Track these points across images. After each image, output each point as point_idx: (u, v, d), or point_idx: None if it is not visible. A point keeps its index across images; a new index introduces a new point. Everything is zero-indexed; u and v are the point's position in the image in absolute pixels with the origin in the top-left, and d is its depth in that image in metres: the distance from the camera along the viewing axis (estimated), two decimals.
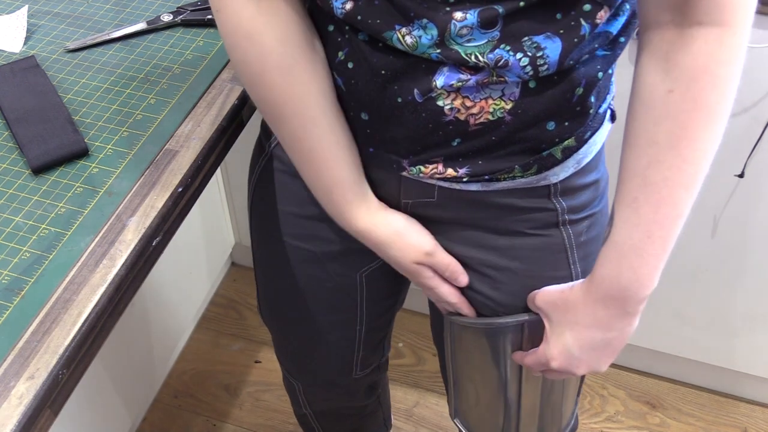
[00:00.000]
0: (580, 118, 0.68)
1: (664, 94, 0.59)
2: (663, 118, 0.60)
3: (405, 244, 0.76)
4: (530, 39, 0.60)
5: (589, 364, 0.72)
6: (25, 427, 0.58)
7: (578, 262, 0.77)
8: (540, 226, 0.75)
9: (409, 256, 0.76)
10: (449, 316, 0.82)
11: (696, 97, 0.58)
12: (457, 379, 0.87)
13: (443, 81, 0.63)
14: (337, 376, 1.04)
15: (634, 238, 0.63)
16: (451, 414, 0.92)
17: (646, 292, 0.66)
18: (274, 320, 0.99)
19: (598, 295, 0.68)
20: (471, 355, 0.83)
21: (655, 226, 0.62)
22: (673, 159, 0.60)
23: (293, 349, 1.02)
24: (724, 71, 0.58)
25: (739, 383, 1.59)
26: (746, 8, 0.57)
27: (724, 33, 0.57)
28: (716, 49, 0.57)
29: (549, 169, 0.70)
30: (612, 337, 0.70)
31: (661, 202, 0.61)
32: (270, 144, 0.83)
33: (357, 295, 0.91)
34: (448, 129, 0.66)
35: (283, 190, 0.83)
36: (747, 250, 1.31)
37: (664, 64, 0.59)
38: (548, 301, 0.74)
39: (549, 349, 0.74)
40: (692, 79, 0.58)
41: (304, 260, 0.87)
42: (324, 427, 1.22)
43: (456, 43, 0.60)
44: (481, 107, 0.65)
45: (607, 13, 0.61)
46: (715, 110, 0.59)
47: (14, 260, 0.68)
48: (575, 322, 0.71)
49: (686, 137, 0.59)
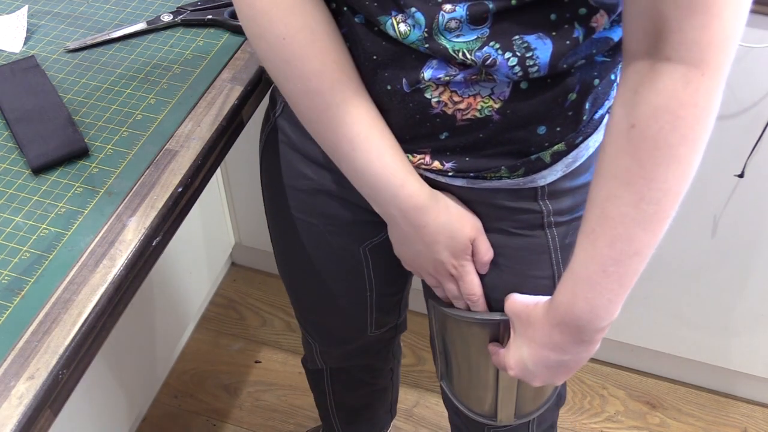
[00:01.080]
0: (573, 124, 0.68)
1: (626, 128, 0.57)
2: (623, 152, 0.57)
3: (465, 218, 0.73)
4: (521, 38, 0.60)
5: (544, 379, 0.72)
6: (25, 427, 0.58)
7: (562, 263, 0.77)
8: (525, 226, 0.75)
9: (466, 232, 0.73)
10: (432, 300, 0.84)
11: (655, 136, 0.55)
12: (441, 351, 0.89)
13: (431, 74, 0.63)
14: (350, 333, 1.05)
15: (590, 270, 0.62)
16: (438, 376, 0.94)
17: (602, 324, 0.64)
18: (288, 282, 1.01)
19: (554, 320, 0.67)
20: (452, 338, 0.84)
21: (610, 262, 0.60)
22: (631, 196, 0.58)
23: (307, 309, 1.03)
24: (687, 113, 0.54)
25: (739, 383, 1.59)
26: (721, 50, 0.53)
27: (691, 73, 0.53)
28: (680, 89, 0.54)
29: (537, 173, 0.70)
30: (567, 360, 0.69)
31: (617, 238, 0.59)
32: (275, 113, 0.83)
33: (363, 266, 0.91)
34: (436, 122, 0.66)
35: (284, 162, 0.84)
36: (747, 250, 1.31)
37: (632, 97, 0.57)
38: (514, 310, 0.74)
39: (507, 358, 0.74)
40: (652, 117, 0.55)
41: (308, 231, 0.88)
42: (336, 392, 1.23)
43: (444, 38, 0.60)
44: (469, 104, 0.65)
45: (605, 18, 0.60)
46: (677, 152, 0.56)
47: (14, 260, 0.68)
48: (533, 339, 0.70)
49: (643, 176, 0.57)
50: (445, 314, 0.82)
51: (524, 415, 0.89)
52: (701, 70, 0.53)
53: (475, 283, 0.76)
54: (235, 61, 0.87)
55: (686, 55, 0.53)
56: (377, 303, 0.98)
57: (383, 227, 0.87)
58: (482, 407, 0.89)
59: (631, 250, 0.60)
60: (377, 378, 1.23)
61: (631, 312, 1.47)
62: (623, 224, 0.59)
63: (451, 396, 0.92)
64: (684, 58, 0.53)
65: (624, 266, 0.60)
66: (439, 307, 0.82)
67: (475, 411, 0.90)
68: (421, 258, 0.76)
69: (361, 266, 0.91)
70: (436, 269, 0.76)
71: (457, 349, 0.85)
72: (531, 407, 0.88)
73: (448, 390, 0.92)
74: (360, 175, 0.69)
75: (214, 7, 0.93)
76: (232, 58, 0.88)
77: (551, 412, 0.98)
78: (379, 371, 1.22)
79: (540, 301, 0.70)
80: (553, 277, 0.78)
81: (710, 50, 0.53)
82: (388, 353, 1.19)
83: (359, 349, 1.10)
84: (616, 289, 0.62)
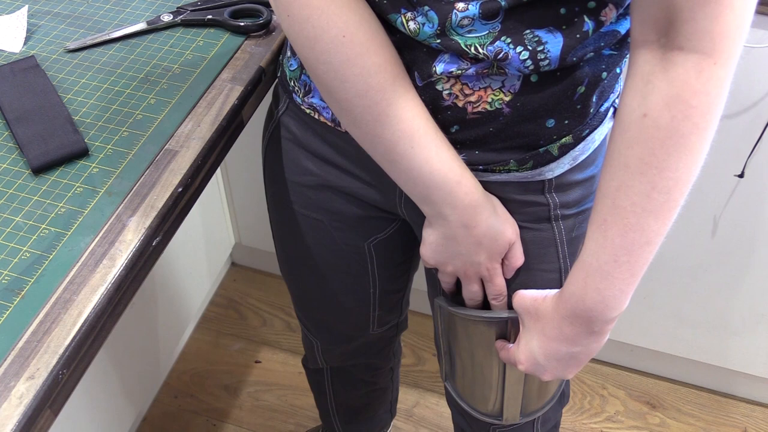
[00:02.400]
0: (581, 116, 0.68)
1: (638, 117, 0.57)
2: (635, 142, 0.58)
3: (509, 221, 0.73)
4: (532, 32, 0.60)
5: (554, 372, 0.72)
6: (25, 427, 0.58)
7: (568, 256, 0.78)
8: (531, 219, 0.75)
9: (508, 235, 0.73)
10: (438, 299, 0.84)
11: (668, 125, 0.56)
12: (446, 351, 0.89)
13: (443, 68, 0.63)
14: (352, 331, 1.05)
15: (601, 260, 0.62)
16: (442, 377, 0.94)
17: (612, 314, 0.65)
18: (290, 280, 1.01)
19: (565, 312, 0.67)
20: (458, 338, 0.84)
21: (622, 251, 0.61)
22: (642, 185, 0.58)
23: (310, 307, 1.03)
24: (699, 102, 0.55)
25: (738, 383, 1.59)
26: (733, 39, 0.54)
27: (704, 62, 0.54)
28: (693, 78, 0.55)
29: (545, 165, 0.70)
30: (577, 351, 0.69)
31: (629, 227, 0.60)
32: (278, 111, 0.83)
33: (367, 263, 0.91)
34: (447, 114, 0.67)
35: (288, 158, 0.84)
36: (747, 250, 1.31)
37: (643, 86, 0.57)
38: (522, 305, 0.74)
39: (518, 353, 0.74)
40: (665, 106, 0.56)
41: (312, 228, 0.88)
42: (336, 392, 1.23)
43: (456, 34, 0.61)
44: (480, 96, 0.65)
45: (614, 11, 0.61)
46: (688, 141, 0.56)
47: (14, 260, 0.68)
48: (542, 333, 0.70)
49: (656, 165, 0.57)
50: (452, 314, 0.82)
51: (530, 414, 0.89)
52: (713, 59, 0.54)
53: (503, 284, 0.76)
54: (235, 61, 0.87)
55: (699, 44, 0.54)
56: (380, 300, 0.98)
57: (389, 223, 0.87)
58: (487, 407, 0.89)
59: (643, 240, 0.60)
60: (377, 377, 1.23)
61: (631, 312, 1.47)
62: (635, 213, 0.59)
63: (455, 396, 0.92)
64: (696, 47, 0.54)
65: (635, 255, 0.61)
66: (446, 307, 0.82)
67: (480, 410, 0.90)
68: (457, 260, 0.74)
69: (366, 262, 0.91)
70: (468, 271, 0.75)
71: (463, 348, 0.85)
72: (536, 405, 0.88)
73: (452, 390, 0.92)
74: (417, 174, 0.67)
75: (214, 7, 0.93)
76: (232, 58, 0.88)
77: (555, 412, 0.98)
78: (379, 370, 1.22)
79: (548, 295, 0.70)
80: (560, 271, 0.78)
81: (722, 39, 0.53)
82: (389, 352, 1.20)
83: (360, 348, 1.10)
84: (627, 279, 0.62)
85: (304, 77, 0.77)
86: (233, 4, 0.93)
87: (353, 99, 0.64)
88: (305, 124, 0.80)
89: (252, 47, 0.89)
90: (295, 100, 0.79)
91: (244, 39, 0.90)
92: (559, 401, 0.96)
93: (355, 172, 0.80)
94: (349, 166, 0.80)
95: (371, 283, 0.95)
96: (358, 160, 0.78)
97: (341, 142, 0.77)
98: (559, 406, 0.98)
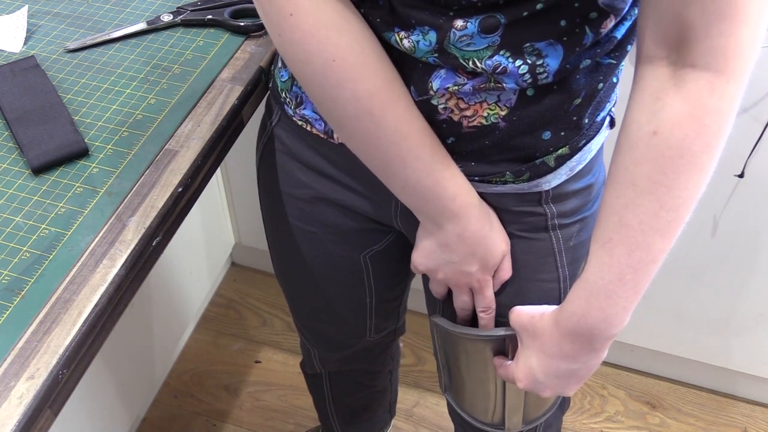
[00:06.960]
0: (577, 127, 0.68)
1: (648, 135, 0.56)
2: (644, 159, 0.57)
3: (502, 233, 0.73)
4: (532, 45, 0.59)
5: (554, 389, 0.72)
6: (25, 427, 0.58)
7: (566, 266, 0.77)
8: (529, 229, 0.74)
9: (502, 247, 0.73)
10: (434, 317, 0.83)
11: (680, 144, 0.55)
12: (444, 365, 0.88)
13: (439, 83, 0.63)
14: (349, 339, 1.05)
15: (606, 279, 0.61)
16: (441, 388, 0.94)
17: (613, 332, 0.64)
18: (287, 289, 1.00)
19: (565, 330, 0.66)
20: (455, 354, 0.84)
21: (628, 270, 0.60)
22: (651, 204, 0.57)
23: (306, 316, 1.03)
24: (711, 120, 0.54)
25: (738, 383, 1.59)
26: (746, 57, 0.53)
27: (717, 80, 0.53)
28: (706, 96, 0.54)
29: (542, 177, 0.70)
30: (577, 368, 0.69)
31: (636, 246, 0.59)
32: (271, 122, 0.83)
33: (363, 274, 0.91)
34: (442, 127, 0.66)
35: (282, 171, 0.83)
36: (747, 250, 1.31)
37: (652, 103, 0.56)
38: (519, 323, 0.73)
39: (516, 370, 0.74)
40: (677, 125, 0.55)
41: (307, 240, 0.87)
42: (335, 395, 1.23)
43: (455, 48, 0.60)
44: (475, 110, 0.64)
45: (612, 21, 0.60)
46: (699, 159, 0.55)
47: (14, 260, 0.68)
48: (541, 350, 0.70)
49: (665, 183, 0.56)
50: (449, 332, 0.81)
51: (532, 421, 0.88)
52: (726, 77, 0.53)
53: (492, 297, 0.76)
54: (235, 61, 0.87)
55: (712, 62, 0.53)
56: (377, 309, 0.98)
57: (385, 235, 0.86)
58: (489, 417, 0.88)
59: (648, 258, 0.59)
60: (376, 380, 1.23)
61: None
62: (642, 232, 0.58)
63: (456, 408, 0.91)
64: (710, 65, 0.53)
65: (640, 273, 0.60)
66: (443, 326, 0.81)
67: (482, 421, 0.89)
68: (448, 267, 0.74)
69: (362, 274, 0.91)
70: (459, 281, 0.75)
71: (461, 364, 0.84)
72: (538, 412, 0.88)
73: (453, 402, 0.92)
74: (411, 191, 0.68)
75: (214, 7, 0.93)
76: (232, 58, 0.88)
77: (556, 418, 0.97)
78: (377, 374, 1.22)
79: (546, 311, 0.69)
80: (559, 280, 0.77)
81: (736, 57, 0.52)
82: (387, 356, 1.19)
83: (358, 354, 1.10)
84: (631, 297, 0.62)
85: (296, 88, 0.76)
86: (233, 4, 0.93)
87: (344, 120, 0.65)
88: (298, 136, 0.79)
89: (252, 47, 0.89)
90: (287, 111, 0.78)
91: (244, 39, 0.90)
92: (561, 407, 0.96)
93: (349, 184, 0.79)
94: (344, 179, 0.79)
95: (367, 293, 0.94)
96: (353, 172, 0.77)
97: (334, 154, 0.76)
98: (560, 412, 0.97)
